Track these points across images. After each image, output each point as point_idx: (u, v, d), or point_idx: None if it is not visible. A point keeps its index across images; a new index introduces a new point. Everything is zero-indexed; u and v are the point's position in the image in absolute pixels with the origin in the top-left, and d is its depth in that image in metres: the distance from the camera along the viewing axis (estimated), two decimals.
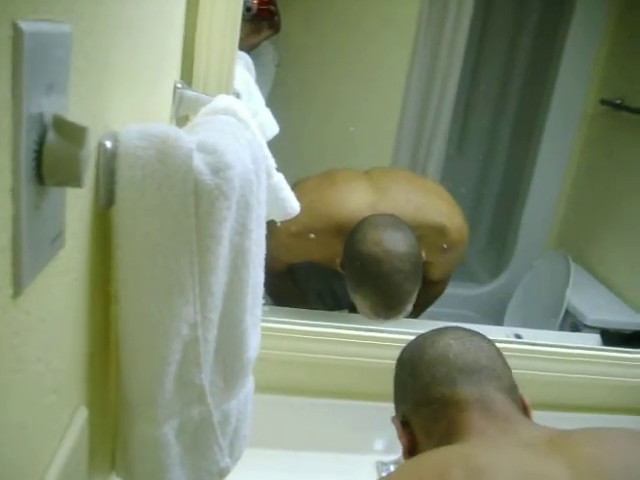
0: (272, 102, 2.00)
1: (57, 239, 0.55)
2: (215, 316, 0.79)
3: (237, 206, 0.75)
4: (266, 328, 1.38)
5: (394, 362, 1.54)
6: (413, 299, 1.66)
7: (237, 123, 0.87)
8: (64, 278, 0.61)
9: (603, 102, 2.71)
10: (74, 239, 0.61)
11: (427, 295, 1.99)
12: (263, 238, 0.92)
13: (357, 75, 2.76)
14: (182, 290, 0.72)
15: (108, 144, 0.66)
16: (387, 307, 1.63)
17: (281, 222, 1.72)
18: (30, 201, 0.47)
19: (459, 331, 1.09)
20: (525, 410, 1.04)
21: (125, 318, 0.72)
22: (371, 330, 1.59)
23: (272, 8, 2.16)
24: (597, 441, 0.89)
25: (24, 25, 0.43)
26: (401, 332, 1.59)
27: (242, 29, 2.10)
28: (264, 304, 1.46)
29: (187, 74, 1.22)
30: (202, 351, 0.78)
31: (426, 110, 2.81)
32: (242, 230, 0.79)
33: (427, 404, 1.01)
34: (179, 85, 1.13)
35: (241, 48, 1.85)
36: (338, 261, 1.71)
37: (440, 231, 1.79)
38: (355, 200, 1.76)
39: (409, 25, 2.73)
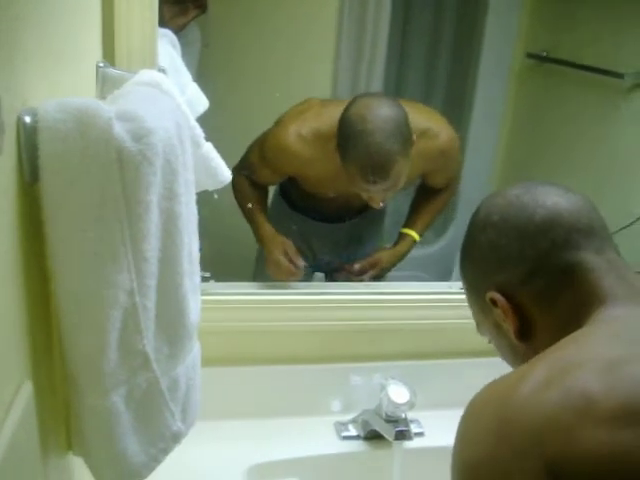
0: (201, 78, 1.99)
1: None
2: (152, 282, 0.80)
3: (163, 171, 0.77)
4: (212, 301, 1.40)
5: (342, 323, 1.58)
6: (400, 169, 1.69)
7: (159, 93, 0.88)
8: None
9: (529, 55, 2.76)
10: (0, 214, 0.62)
11: (437, 202, 2.10)
12: (194, 204, 0.93)
13: (285, 44, 2.77)
14: (115, 258, 0.73)
15: (27, 119, 0.67)
16: (373, 166, 1.66)
17: (289, 124, 1.78)
18: None
19: (555, 186, 0.94)
20: None
21: (61, 291, 0.73)
22: (317, 294, 1.62)
23: None
24: None
25: None
26: (345, 293, 1.62)
27: (168, 11, 2.09)
28: (209, 278, 1.49)
29: (109, 53, 1.21)
30: (142, 318, 0.79)
31: (358, 79, 2.84)
32: (170, 195, 0.80)
33: (547, 272, 0.89)
34: (101, 64, 1.13)
35: (168, 29, 1.83)
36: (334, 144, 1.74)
37: (430, 135, 1.86)
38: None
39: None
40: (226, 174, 1.10)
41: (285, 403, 1.59)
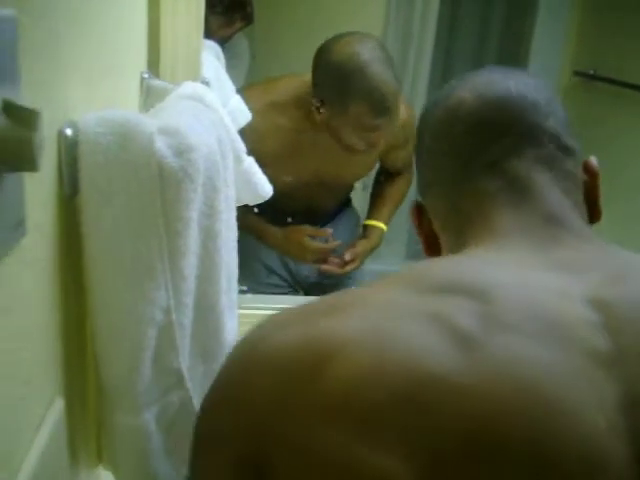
0: None
1: (18, 227, 0.55)
2: (189, 300, 0.79)
3: (204, 188, 0.75)
4: (248, 315, 1.38)
5: None
6: (399, 100, 1.67)
7: (202, 107, 0.87)
8: (31, 267, 0.60)
9: (576, 74, 2.72)
10: (39, 228, 0.61)
11: (397, 189, 2.06)
12: (234, 220, 0.92)
13: None
14: (152, 275, 0.72)
15: (68, 132, 0.66)
16: (383, 96, 1.60)
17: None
18: None
19: (483, 75, 0.75)
20: (589, 192, 0.72)
21: (97, 306, 0.72)
22: None
23: None
24: None
25: None
26: None
27: (214, 22, 2.10)
28: (245, 291, 1.47)
29: (154, 64, 1.21)
30: (177, 335, 0.78)
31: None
32: (211, 212, 0.79)
33: (439, 184, 0.73)
34: (146, 75, 1.13)
35: (215, 40, 1.84)
36: (315, 104, 1.68)
37: None
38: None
39: (379, 10, 2.77)
40: (267, 189, 1.09)
41: None
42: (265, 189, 1.08)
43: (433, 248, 0.77)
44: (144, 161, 0.67)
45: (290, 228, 1.91)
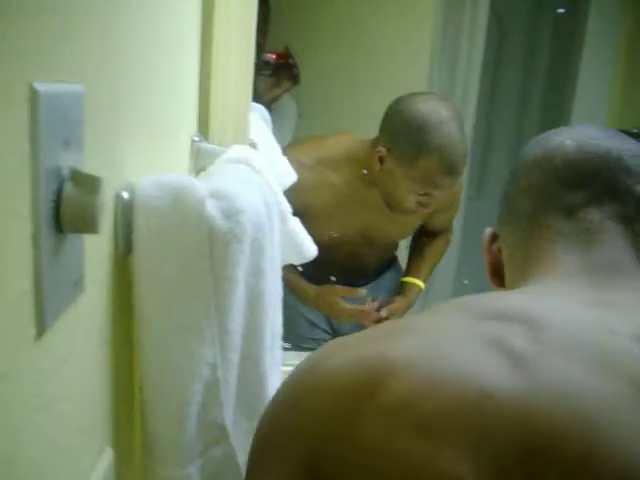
0: None
1: (77, 284, 0.58)
2: (235, 356, 0.81)
3: (251, 249, 0.79)
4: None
5: None
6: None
7: (249, 170, 0.91)
8: (86, 321, 0.64)
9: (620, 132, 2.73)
10: (95, 284, 0.65)
11: (436, 247, 2.05)
12: (279, 280, 0.95)
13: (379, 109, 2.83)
14: (200, 332, 0.75)
15: (125, 195, 0.70)
16: (455, 155, 1.62)
17: (289, 153, 1.52)
18: (50, 248, 0.50)
19: (589, 130, 0.78)
20: None
21: (146, 360, 0.75)
22: None
23: (290, 61, 2.22)
24: None
25: (39, 86, 0.46)
26: None
27: (262, 83, 2.17)
28: (288, 348, 1.49)
29: (204, 128, 1.26)
30: (222, 391, 0.80)
31: None
32: (257, 272, 0.82)
33: (517, 218, 0.77)
34: (196, 138, 1.18)
35: (263, 101, 1.90)
36: (380, 152, 1.68)
37: None
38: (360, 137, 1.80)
39: (423, 68, 2.82)
40: (312, 249, 1.12)
41: None
42: (310, 249, 1.11)
43: (497, 276, 0.82)
44: (195, 224, 0.71)
45: (323, 288, 1.91)
